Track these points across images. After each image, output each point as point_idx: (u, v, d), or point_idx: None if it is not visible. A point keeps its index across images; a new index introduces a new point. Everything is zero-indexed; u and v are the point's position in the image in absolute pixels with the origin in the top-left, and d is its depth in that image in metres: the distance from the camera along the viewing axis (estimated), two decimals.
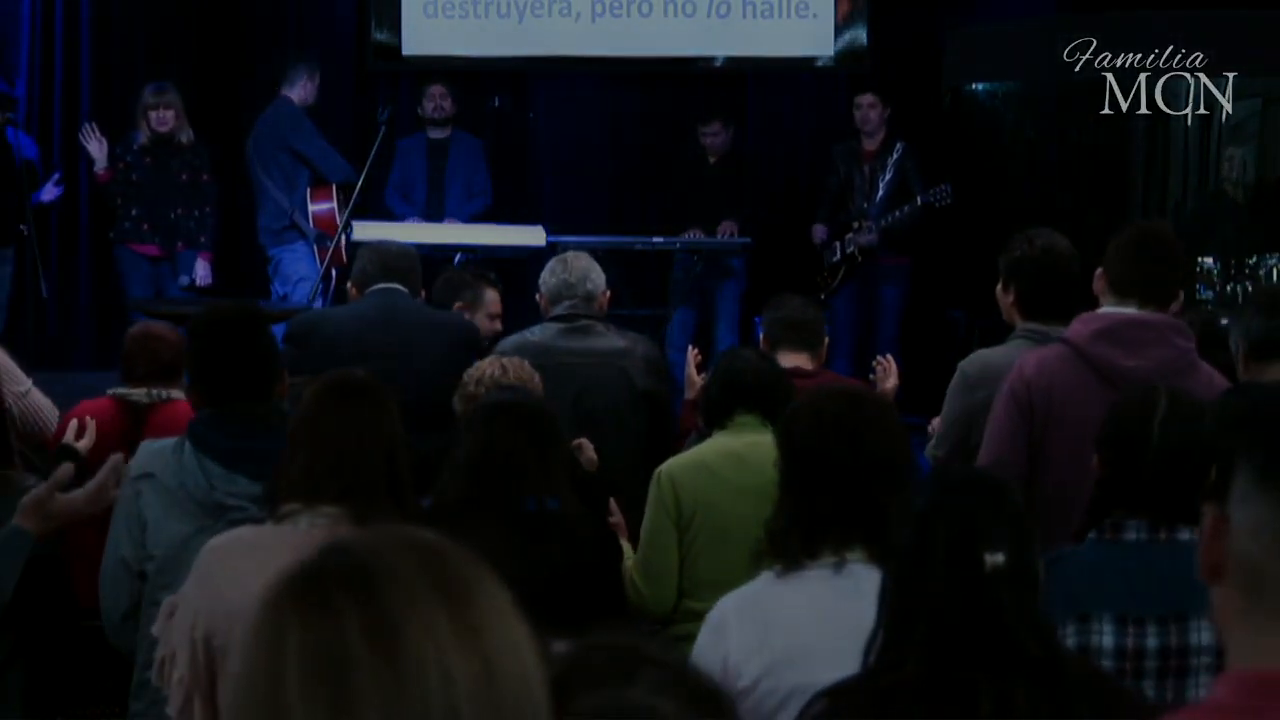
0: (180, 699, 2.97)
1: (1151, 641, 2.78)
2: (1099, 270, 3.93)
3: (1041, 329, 4.10)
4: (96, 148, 8.33)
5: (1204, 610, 2.70)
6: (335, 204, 8.49)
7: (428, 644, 1.26)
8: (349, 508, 2.96)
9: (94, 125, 8.45)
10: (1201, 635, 2.77)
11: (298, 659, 1.25)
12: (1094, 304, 4.00)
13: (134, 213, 8.37)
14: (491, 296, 5.68)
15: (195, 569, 3.02)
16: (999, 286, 4.24)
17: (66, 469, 3.14)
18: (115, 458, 3.19)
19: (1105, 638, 2.79)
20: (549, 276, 5.17)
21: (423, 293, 5.35)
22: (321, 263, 8.23)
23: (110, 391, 4.71)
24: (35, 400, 4.55)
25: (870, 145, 8.82)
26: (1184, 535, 2.82)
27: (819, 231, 8.86)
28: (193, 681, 2.95)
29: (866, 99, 8.79)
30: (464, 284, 5.71)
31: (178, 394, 4.70)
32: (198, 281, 8.35)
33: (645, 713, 1.37)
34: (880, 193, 8.74)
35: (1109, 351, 3.77)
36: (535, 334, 5.11)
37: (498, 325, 5.65)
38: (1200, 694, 2.74)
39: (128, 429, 4.55)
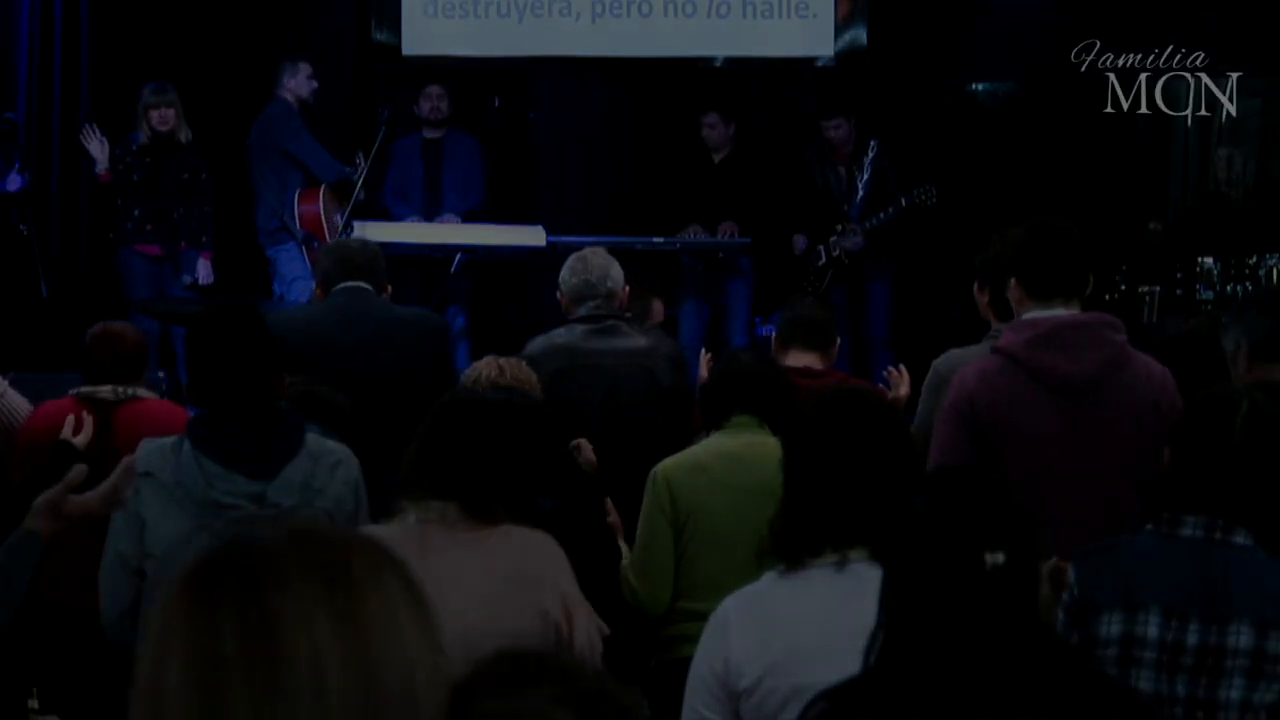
0: None
1: (1192, 638, 2.79)
2: (1012, 280, 3.86)
3: None
4: (98, 148, 8.28)
5: (1246, 614, 2.73)
6: (321, 205, 8.45)
7: (303, 640, 1.26)
8: (457, 503, 3.09)
9: (94, 126, 8.41)
10: (1240, 638, 2.77)
11: (179, 652, 1.27)
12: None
13: (135, 213, 8.34)
14: (657, 307, 5.75)
15: None
16: (975, 285, 4.22)
17: (80, 470, 3.12)
18: (127, 460, 3.19)
19: (1150, 629, 2.80)
20: (569, 276, 5.14)
21: (388, 288, 5.30)
22: (311, 263, 8.21)
23: (73, 391, 4.68)
24: (11, 400, 4.57)
25: (844, 148, 8.77)
26: (1238, 539, 2.82)
27: (799, 242, 8.80)
28: None
29: (833, 122, 8.69)
30: (631, 295, 5.70)
31: (144, 392, 4.70)
32: (200, 280, 8.34)
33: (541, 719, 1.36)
34: (860, 194, 8.67)
35: (1050, 358, 3.72)
36: (561, 335, 5.09)
37: None
38: (1233, 695, 2.75)
39: (95, 427, 4.52)
